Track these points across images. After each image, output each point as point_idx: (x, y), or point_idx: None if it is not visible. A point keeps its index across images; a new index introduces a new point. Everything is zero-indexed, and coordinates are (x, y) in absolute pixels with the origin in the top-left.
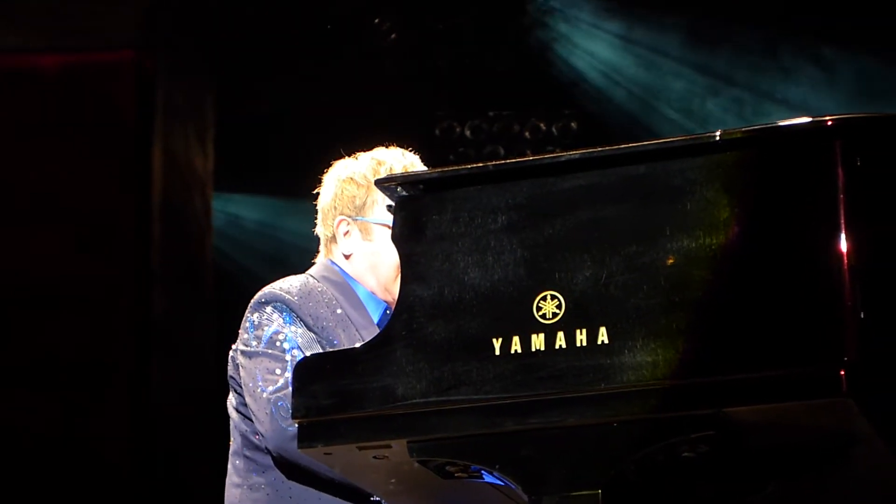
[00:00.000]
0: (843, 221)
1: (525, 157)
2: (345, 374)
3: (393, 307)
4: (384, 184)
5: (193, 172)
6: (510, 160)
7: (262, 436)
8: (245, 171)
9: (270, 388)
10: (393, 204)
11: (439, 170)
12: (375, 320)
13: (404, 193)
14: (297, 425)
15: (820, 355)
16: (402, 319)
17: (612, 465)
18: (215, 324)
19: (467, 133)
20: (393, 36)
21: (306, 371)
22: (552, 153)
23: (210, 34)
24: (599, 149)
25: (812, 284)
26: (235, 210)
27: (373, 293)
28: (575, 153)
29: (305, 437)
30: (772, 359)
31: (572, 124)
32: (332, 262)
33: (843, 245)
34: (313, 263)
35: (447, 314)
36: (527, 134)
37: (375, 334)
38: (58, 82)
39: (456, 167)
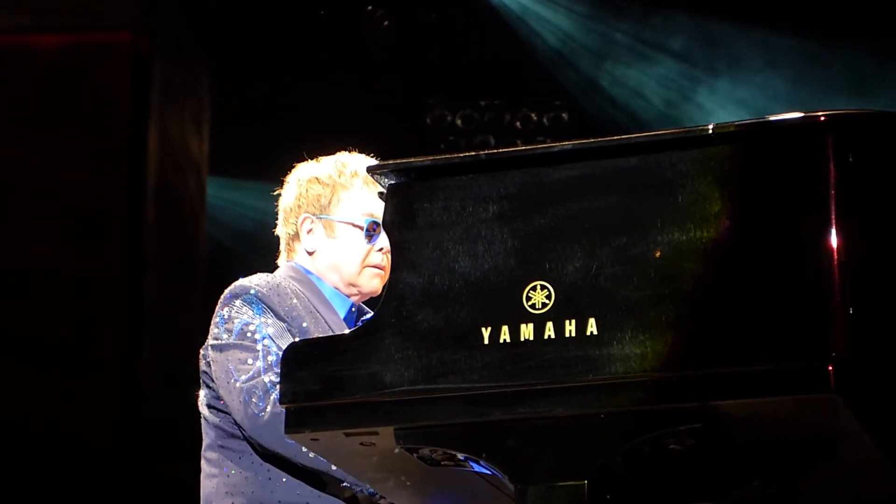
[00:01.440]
0: (833, 217)
1: (516, 147)
2: (333, 360)
3: (358, 303)
4: (376, 171)
5: (188, 155)
6: (502, 150)
7: (238, 424)
8: (240, 156)
9: (243, 377)
10: (384, 191)
11: (431, 158)
12: (342, 316)
13: (396, 181)
14: (271, 412)
15: (808, 351)
16: (391, 307)
17: (598, 457)
18: (207, 309)
19: (458, 122)
20: (386, 23)
21: (294, 357)
22: (544, 143)
23: (206, 16)
24: (592, 140)
25: (802, 280)
26: (229, 195)
27: (337, 290)
28: (567, 144)
29: (292, 422)
30: (760, 353)
31: (563, 115)
32: (296, 264)
33: (834, 241)
34: (276, 266)
35: (436, 302)
36: (518, 124)
37: (343, 329)
38: (53, 63)
39: (448, 155)
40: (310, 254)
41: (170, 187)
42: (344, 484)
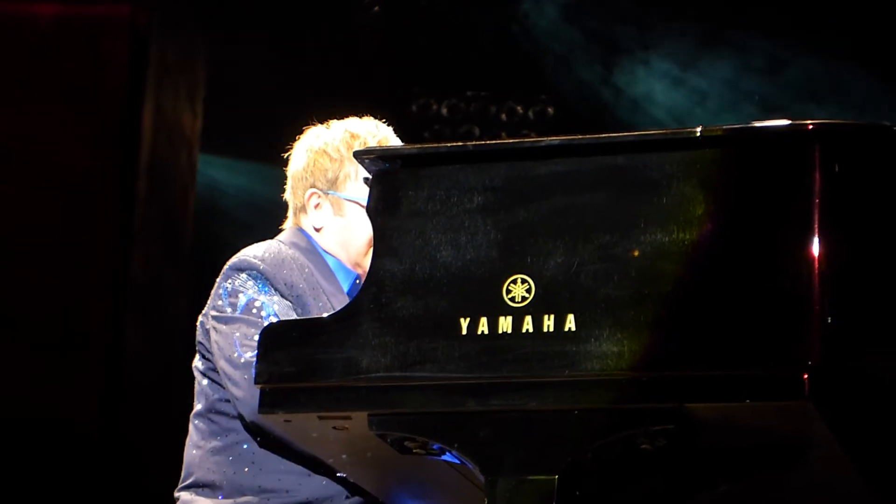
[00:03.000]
0: (816, 226)
1: (501, 139)
2: (310, 343)
3: (363, 278)
4: (363, 156)
5: (181, 131)
6: (490, 141)
7: (237, 400)
8: (232, 134)
9: (249, 354)
10: (370, 176)
11: (418, 146)
12: (345, 289)
13: (381, 167)
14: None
15: (784, 357)
16: (370, 293)
17: (570, 452)
18: (192, 284)
19: (444, 111)
20: (376, 9)
21: (272, 337)
22: (529, 137)
23: None
24: (580, 136)
25: (782, 286)
26: (219, 173)
27: (341, 262)
28: (555, 139)
29: (266, 403)
30: (736, 358)
31: (549, 109)
32: (301, 230)
33: (816, 249)
34: (281, 230)
35: (416, 291)
36: (503, 116)
37: (345, 303)
38: (51, 33)
39: (435, 144)
40: (317, 229)
41: (162, 163)
42: (340, 474)
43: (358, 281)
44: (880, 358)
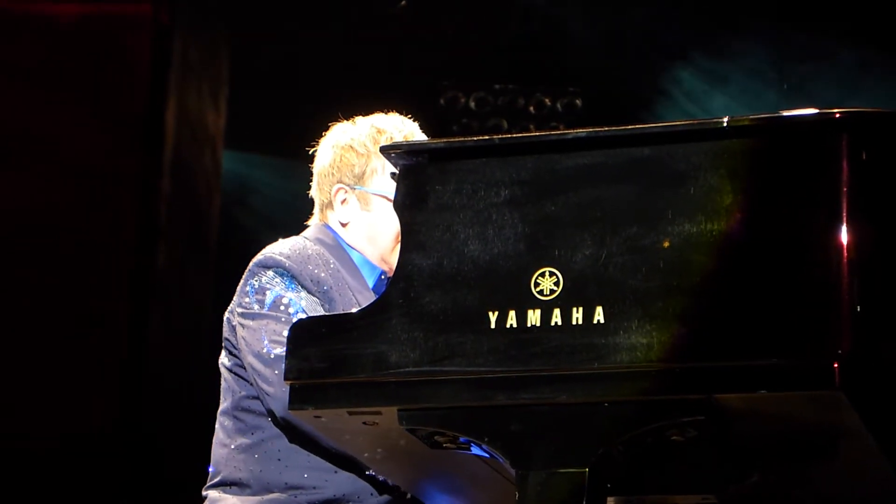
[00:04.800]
0: (845, 215)
1: (529, 132)
2: (339, 338)
3: (389, 274)
4: (389, 151)
5: (205, 129)
6: (516, 135)
7: (267, 396)
8: (256, 130)
9: (278, 350)
10: (396, 171)
11: (445, 140)
12: (371, 285)
13: (408, 162)
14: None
15: (814, 347)
16: (399, 287)
17: (600, 445)
18: (216, 282)
19: (472, 104)
20: (403, 2)
21: (301, 333)
22: (557, 130)
23: None
24: (606, 128)
25: (810, 276)
26: (244, 169)
27: (367, 258)
28: (581, 131)
29: (296, 399)
30: (766, 348)
31: (577, 101)
32: (327, 227)
33: (844, 238)
34: (306, 226)
35: (445, 285)
36: (531, 109)
37: (370, 299)
38: (74, 32)
39: (462, 139)
40: (343, 225)
41: (186, 160)
42: (369, 472)
43: (383, 277)
44: None
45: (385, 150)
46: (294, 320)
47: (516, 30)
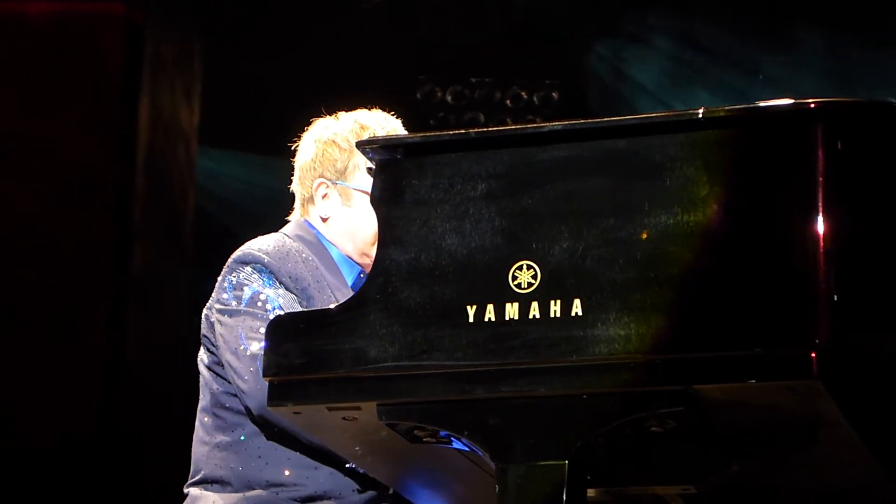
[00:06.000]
0: (821, 204)
1: (506, 125)
2: (318, 334)
3: (368, 271)
4: (365, 146)
5: (178, 126)
6: (492, 128)
7: (244, 393)
8: (230, 127)
9: (255, 346)
10: (373, 167)
11: (421, 134)
12: (350, 283)
13: (385, 156)
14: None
15: (792, 337)
16: (377, 283)
17: (579, 437)
18: (193, 279)
19: (448, 98)
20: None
21: (279, 329)
22: (533, 123)
23: None
24: (581, 121)
25: (787, 266)
26: (219, 166)
27: (347, 256)
28: (557, 124)
29: (275, 395)
30: (743, 338)
31: (553, 94)
32: (307, 223)
33: (820, 228)
34: (287, 221)
35: (423, 279)
36: (508, 102)
37: (349, 296)
38: (46, 31)
39: (438, 133)
40: (323, 220)
41: (159, 158)
42: (349, 465)
43: (362, 275)
44: (889, 335)
45: (361, 145)
46: (271, 317)
47: (493, 23)
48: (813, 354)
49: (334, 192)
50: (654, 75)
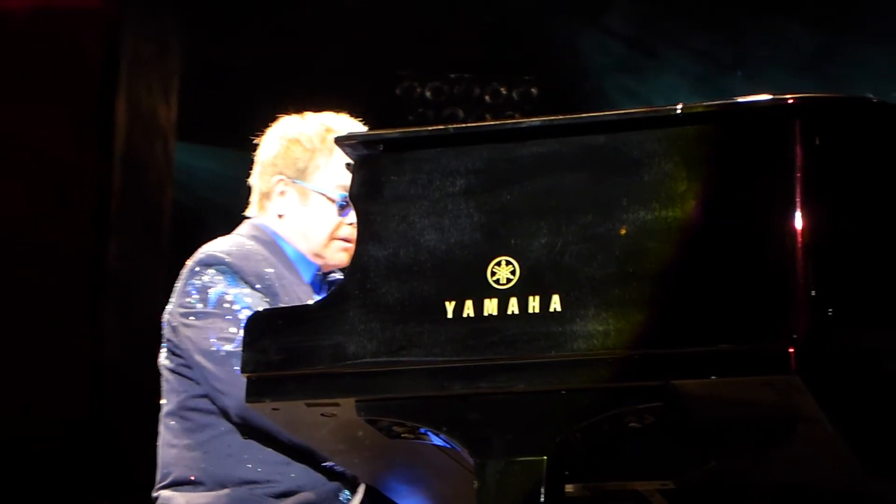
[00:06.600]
0: (799, 200)
1: (485, 121)
2: (296, 330)
3: (324, 269)
4: (344, 141)
5: (156, 122)
6: (471, 124)
7: (221, 394)
8: (208, 123)
9: (228, 347)
10: (351, 162)
11: (399, 130)
12: (307, 280)
13: (363, 152)
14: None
15: (770, 332)
16: (355, 279)
17: (558, 433)
18: (171, 276)
19: (427, 94)
20: None
21: (258, 325)
22: (512, 118)
23: None
24: (560, 117)
25: (765, 261)
26: (197, 162)
27: (302, 254)
28: (535, 120)
29: (254, 391)
30: (722, 333)
31: (532, 90)
32: (261, 224)
33: (798, 223)
34: (244, 217)
35: (401, 275)
36: (487, 98)
37: (308, 293)
38: (23, 26)
39: (416, 128)
40: (279, 217)
41: (137, 154)
42: (325, 464)
43: (319, 272)
44: (867, 331)
45: (340, 141)
46: (241, 317)
47: (471, 19)
48: (791, 349)
49: (293, 190)
50: (636, 72)
